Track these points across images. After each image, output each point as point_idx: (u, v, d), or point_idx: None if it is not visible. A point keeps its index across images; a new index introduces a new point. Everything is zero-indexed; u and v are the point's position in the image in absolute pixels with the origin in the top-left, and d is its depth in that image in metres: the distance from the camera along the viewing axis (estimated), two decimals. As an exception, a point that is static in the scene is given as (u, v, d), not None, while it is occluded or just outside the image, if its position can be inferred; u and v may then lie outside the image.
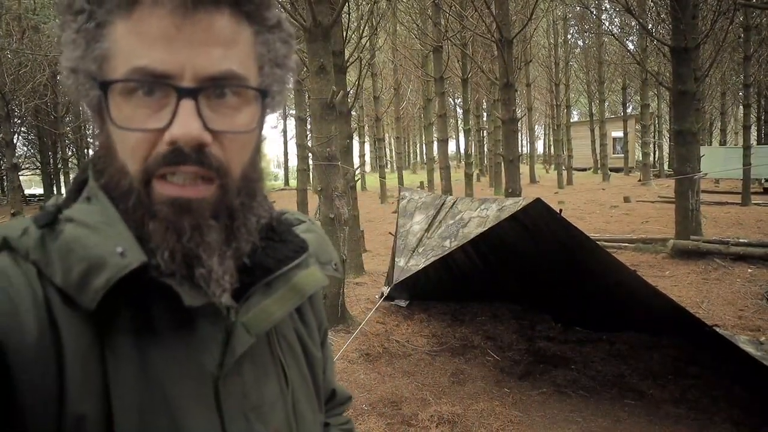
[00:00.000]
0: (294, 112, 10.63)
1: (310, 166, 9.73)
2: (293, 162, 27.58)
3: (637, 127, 25.00)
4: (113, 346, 0.51)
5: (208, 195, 0.53)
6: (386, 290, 5.08)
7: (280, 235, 0.64)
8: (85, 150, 32.73)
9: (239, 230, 0.56)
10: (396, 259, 4.44)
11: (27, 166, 29.61)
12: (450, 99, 31.51)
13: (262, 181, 0.61)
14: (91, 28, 0.52)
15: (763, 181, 17.01)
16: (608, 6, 21.73)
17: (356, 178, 8.88)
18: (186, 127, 0.49)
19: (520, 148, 11.96)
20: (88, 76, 0.54)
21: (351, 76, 12.97)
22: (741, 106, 17.20)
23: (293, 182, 26.34)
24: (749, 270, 6.39)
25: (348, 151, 7.22)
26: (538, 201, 3.63)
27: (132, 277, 0.50)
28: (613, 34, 14.94)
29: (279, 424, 0.61)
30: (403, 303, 5.39)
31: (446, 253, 4.07)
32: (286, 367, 0.63)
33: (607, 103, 26.84)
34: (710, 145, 24.85)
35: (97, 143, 0.60)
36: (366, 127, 31.89)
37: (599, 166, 25.67)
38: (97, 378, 0.50)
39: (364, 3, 12.41)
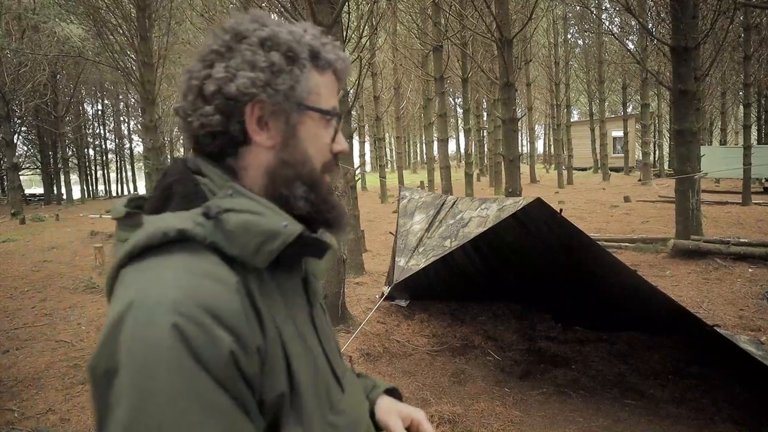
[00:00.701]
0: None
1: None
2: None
3: (637, 126, 24.99)
4: (272, 295, 0.70)
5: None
6: (386, 290, 5.08)
7: None
8: (85, 150, 32.74)
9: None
10: (396, 258, 4.44)
11: (27, 165, 29.57)
12: (450, 98, 31.51)
13: None
14: (296, 73, 0.74)
15: (763, 180, 17.00)
16: (608, 5, 21.72)
17: (356, 178, 8.87)
18: (346, 145, 0.80)
19: (520, 148, 11.95)
20: (293, 100, 0.74)
21: (351, 75, 12.95)
22: (741, 106, 17.20)
23: (293, 182, 26.22)
24: (750, 270, 6.38)
25: (348, 150, 7.21)
26: (538, 201, 3.62)
27: (298, 241, 0.69)
28: (613, 34, 14.92)
29: (335, 342, 0.86)
30: (403, 303, 5.38)
31: (446, 252, 4.07)
32: (323, 306, 0.86)
33: (607, 103, 26.82)
34: (710, 144, 24.84)
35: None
36: (366, 127, 31.87)
37: (599, 165, 25.66)
38: (269, 316, 0.68)
39: (364, 3, 12.40)
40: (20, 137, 26.88)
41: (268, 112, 0.72)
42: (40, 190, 31.22)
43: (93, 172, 35.82)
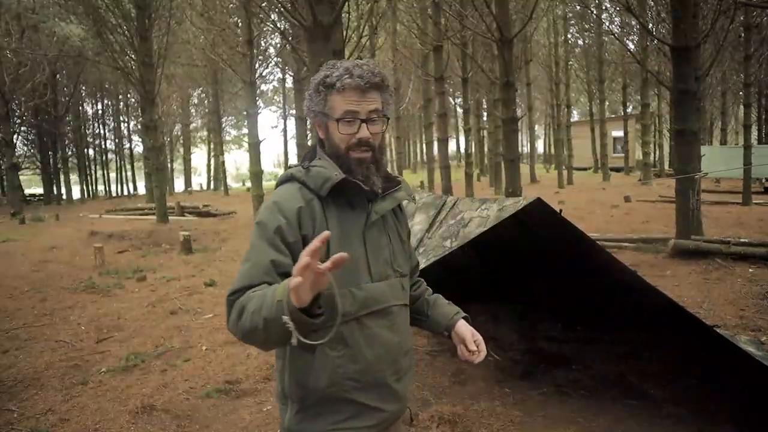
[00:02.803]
0: (294, 112, 10.62)
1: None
2: (293, 161, 27.53)
3: (637, 126, 24.99)
4: (330, 211, 1.32)
5: (370, 156, 1.35)
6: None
7: (389, 177, 1.43)
8: (85, 150, 32.71)
9: (379, 169, 1.38)
10: (396, 258, 4.42)
11: (27, 165, 29.54)
12: (450, 99, 31.47)
13: (384, 150, 1.46)
14: (324, 98, 1.35)
15: (763, 180, 17.00)
16: (608, 5, 21.70)
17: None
18: (364, 134, 1.33)
19: (520, 148, 11.94)
20: (323, 115, 1.36)
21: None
22: (741, 106, 17.19)
23: (293, 182, 26.22)
24: (750, 270, 6.38)
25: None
26: (538, 201, 3.61)
27: (342, 182, 1.29)
28: (613, 34, 14.94)
29: (386, 255, 1.40)
30: (403, 303, 5.38)
31: (447, 253, 4.06)
32: (389, 236, 1.43)
33: (607, 103, 26.82)
34: (711, 144, 24.84)
35: (319, 138, 1.43)
36: (366, 127, 31.77)
37: (599, 165, 25.66)
38: (323, 222, 1.31)
39: (364, 2, 12.39)
40: (20, 137, 26.85)
41: (317, 121, 1.39)
42: (39, 190, 31.19)
43: (93, 171, 35.80)
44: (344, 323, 1.28)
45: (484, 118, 26.33)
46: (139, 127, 29.52)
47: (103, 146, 36.82)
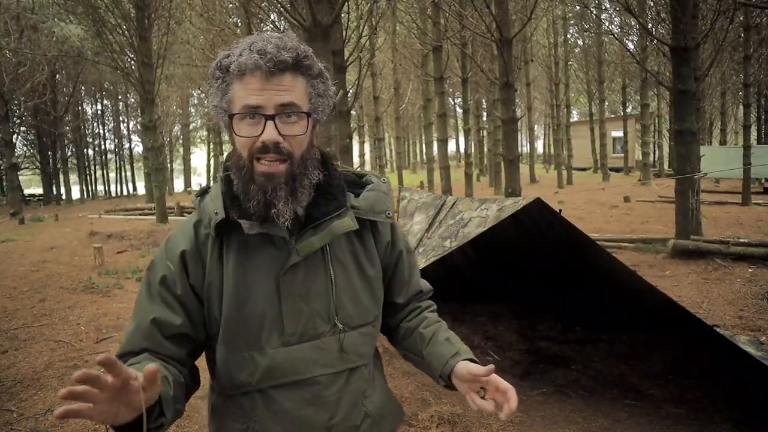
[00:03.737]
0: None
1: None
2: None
3: (637, 126, 25.00)
4: (228, 253, 1.04)
5: (282, 170, 0.99)
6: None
7: (333, 195, 1.07)
8: (84, 150, 32.70)
9: (298, 187, 1.01)
10: (396, 259, 4.41)
11: (26, 165, 29.53)
12: (450, 99, 31.47)
13: (315, 160, 1.06)
14: (223, 87, 1.00)
15: (763, 180, 17.01)
16: (608, 5, 21.71)
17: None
18: (269, 135, 0.96)
19: (519, 148, 11.94)
20: (222, 110, 1.01)
21: (351, 75, 12.94)
22: (741, 106, 17.20)
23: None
24: (750, 270, 6.38)
25: (348, 151, 7.20)
26: (537, 201, 3.62)
27: (226, 221, 1.02)
28: (612, 34, 14.93)
29: (320, 308, 1.06)
30: (402, 303, 5.37)
31: (446, 253, 4.06)
32: (333, 276, 1.07)
33: (606, 103, 26.82)
34: (710, 144, 24.84)
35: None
36: (366, 127, 31.85)
37: (599, 165, 25.66)
38: (219, 265, 1.04)
39: (363, 2, 12.38)
40: (19, 137, 26.86)
41: (220, 121, 1.06)
42: (39, 190, 31.18)
43: (92, 172, 35.81)
44: (243, 394, 1.05)
45: (484, 118, 26.33)
46: (139, 127, 29.51)
47: (103, 146, 36.83)
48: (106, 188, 37.21)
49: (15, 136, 22.84)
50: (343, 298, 1.08)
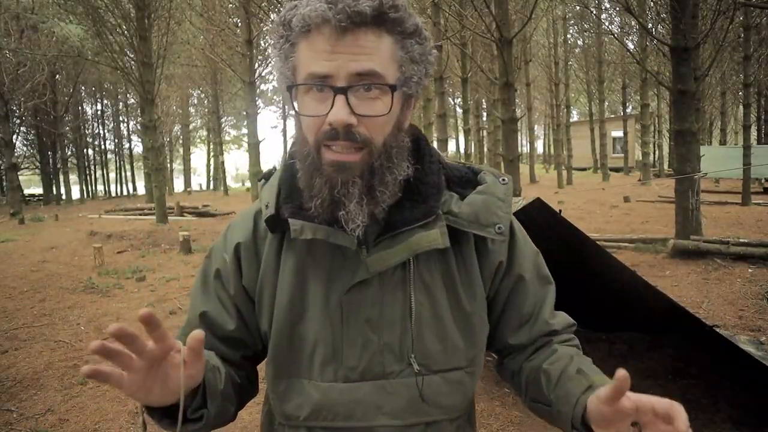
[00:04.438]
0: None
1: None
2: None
3: (637, 126, 25.00)
4: (287, 253, 0.85)
5: (357, 159, 0.75)
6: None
7: (423, 196, 0.82)
8: (84, 150, 32.70)
9: (377, 184, 0.76)
10: (396, 259, 4.42)
11: (26, 165, 29.55)
12: (450, 99, 31.45)
13: (402, 149, 0.80)
14: (287, 48, 0.76)
15: (763, 180, 17.01)
16: (608, 5, 21.72)
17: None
18: (337, 116, 0.71)
19: (519, 148, 11.94)
20: (285, 78, 0.79)
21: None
22: (741, 106, 17.19)
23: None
24: (749, 270, 6.38)
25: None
26: (537, 201, 3.62)
27: (277, 217, 0.83)
28: (612, 34, 14.92)
29: (391, 339, 0.83)
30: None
31: (446, 253, 4.05)
32: (414, 302, 0.82)
33: (606, 103, 26.82)
34: (710, 144, 24.85)
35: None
36: (366, 127, 31.78)
37: (599, 165, 25.66)
38: (275, 267, 0.85)
39: (363, 2, 12.38)
40: (19, 137, 26.86)
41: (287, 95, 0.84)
42: (39, 190, 31.19)
43: (92, 172, 35.82)
44: (291, 427, 0.88)
45: (484, 118, 26.34)
46: (139, 127, 29.50)
47: (103, 146, 36.84)
48: (106, 188, 37.23)
49: (15, 136, 22.83)
50: (424, 333, 0.83)
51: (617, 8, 19.13)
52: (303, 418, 0.85)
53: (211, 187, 36.69)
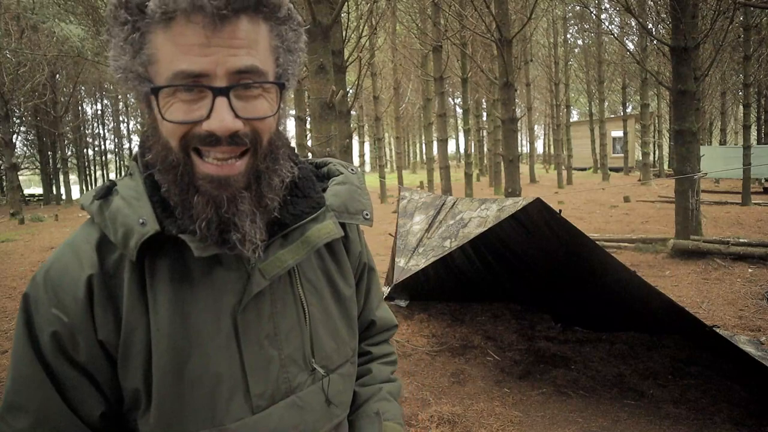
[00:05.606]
0: (293, 111, 10.63)
1: (310, 166, 9.67)
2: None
3: (636, 126, 25.00)
4: (155, 285, 0.67)
5: (240, 169, 0.65)
6: (386, 290, 5.08)
7: (303, 191, 0.77)
8: (84, 150, 32.72)
9: (266, 191, 0.68)
10: (396, 259, 4.43)
11: (26, 165, 29.57)
12: (450, 99, 31.49)
13: (286, 148, 0.74)
14: (135, 38, 0.62)
15: (763, 180, 17.01)
16: (608, 5, 21.74)
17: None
18: (222, 122, 0.61)
19: (519, 148, 11.95)
20: (137, 76, 0.65)
21: (351, 75, 12.96)
22: (741, 106, 17.19)
23: (293, 182, 26.21)
24: (749, 270, 6.38)
25: (347, 150, 7.21)
26: (537, 201, 3.62)
27: (158, 238, 0.66)
28: (612, 34, 14.91)
29: (293, 350, 0.75)
30: (403, 303, 5.38)
31: (446, 253, 4.06)
32: (306, 304, 0.77)
33: (606, 103, 26.83)
34: (710, 144, 24.85)
35: (146, 125, 0.71)
36: (366, 127, 31.87)
37: (599, 165, 25.65)
38: (141, 307, 0.67)
39: (363, 2, 12.39)
40: (19, 137, 26.88)
41: (129, 88, 0.69)
42: (39, 190, 31.21)
43: (92, 172, 35.85)
44: None
45: (484, 118, 26.34)
46: (139, 127, 29.51)
47: (103, 146, 36.87)
48: (106, 188, 37.24)
49: (15, 136, 22.84)
50: (320, 333, 0.78)
51: (617, 8, 19.14)
52: None
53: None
